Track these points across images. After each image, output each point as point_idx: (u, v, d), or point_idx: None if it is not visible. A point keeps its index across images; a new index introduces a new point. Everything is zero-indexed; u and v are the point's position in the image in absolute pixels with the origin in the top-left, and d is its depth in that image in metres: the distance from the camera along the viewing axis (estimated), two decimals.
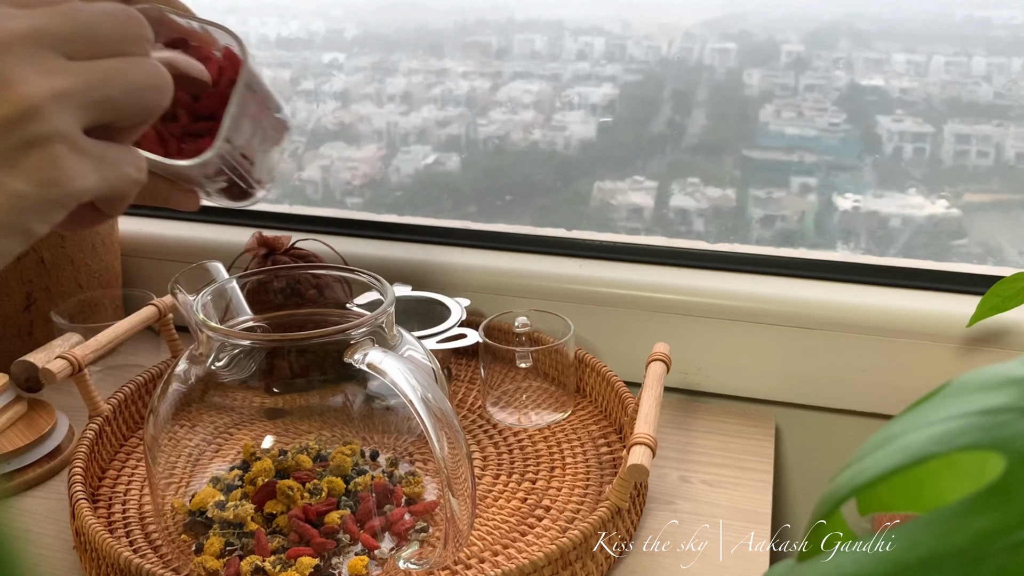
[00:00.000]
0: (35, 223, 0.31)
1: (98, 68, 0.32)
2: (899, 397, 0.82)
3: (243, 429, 0.67)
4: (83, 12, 0.33)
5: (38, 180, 0.30)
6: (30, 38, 0.31)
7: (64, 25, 0.32)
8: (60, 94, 0.30)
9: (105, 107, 0.32)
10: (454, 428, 0.53)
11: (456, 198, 1.06)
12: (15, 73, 0.30)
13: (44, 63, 0.31)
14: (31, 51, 0.31)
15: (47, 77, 0.30)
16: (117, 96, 0.32)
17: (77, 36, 0.32)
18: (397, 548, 0.62)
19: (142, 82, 0.33)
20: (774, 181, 0.96)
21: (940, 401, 0.19)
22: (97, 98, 0.32)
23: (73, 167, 0.31)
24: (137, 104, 0.33)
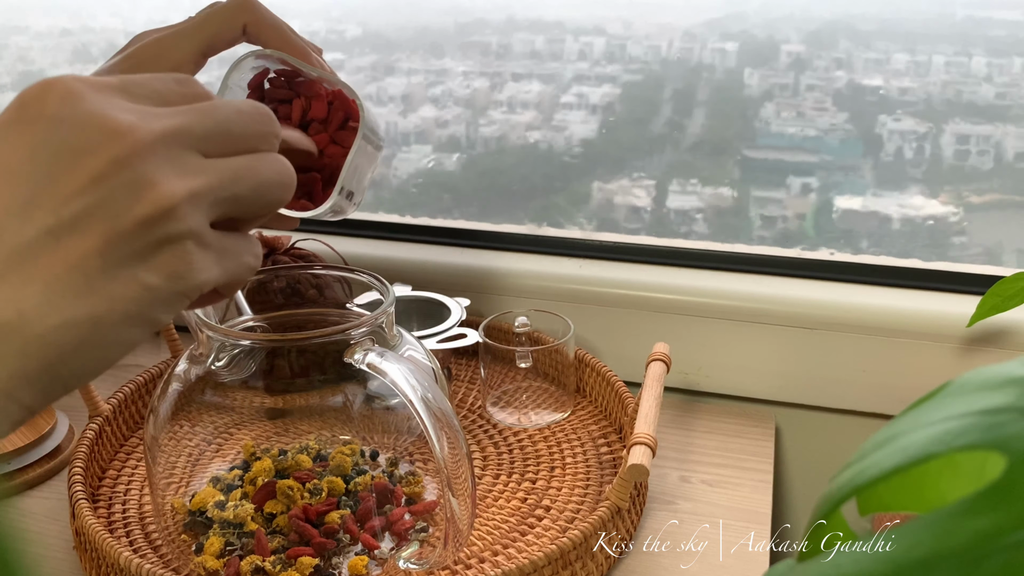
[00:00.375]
0: (161, 314, 0.32)
1: (230, 167, 0.34)
2: (899, 397, 0.82)
3: (243, 429, 0.67)
4: (219, 111, 0.34)
5: (168, 274, 0.32)
6: (171, 138, 0.32)
7: (202, 124, 0.33)
8: (195, 194, 0.32)
9: (233, 204, 0.34)
10: (454, 428, 0.53)
11: (456, 198, 1.06)
12: (157, 175, 0.31)
13: (182, 163, 0.32)
14: (171, 151, 0.32)
15: (184, 178, 0.32)
16: (245, 193, 0.34)
17: (213, 134, 0.34)
18: (397, 548, 0.62)
19: (268, 179, 0.35)
20: (774, 181, 0.96)
21: (940, 401, 0.19)
22: (227, 196, 0.34)
23: (199, 262, 0.33)
24: (262, 200, 0.35)
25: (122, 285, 0.31)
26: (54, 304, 0.30)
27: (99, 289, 0.31)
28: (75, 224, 0.30)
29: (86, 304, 0.30)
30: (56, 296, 0.30)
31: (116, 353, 0.32)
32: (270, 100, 0.64)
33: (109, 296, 0.31)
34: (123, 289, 0.31)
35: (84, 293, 0.30)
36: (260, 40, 0.60)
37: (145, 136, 0.31)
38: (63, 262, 0.30)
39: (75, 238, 0.30)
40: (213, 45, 0.59)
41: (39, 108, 0.31)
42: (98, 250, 0.30)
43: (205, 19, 0.59)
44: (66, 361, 0.30)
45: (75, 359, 0.31)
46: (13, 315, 0.29)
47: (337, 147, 0.62)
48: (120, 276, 0.31)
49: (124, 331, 0.32)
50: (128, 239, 0.31)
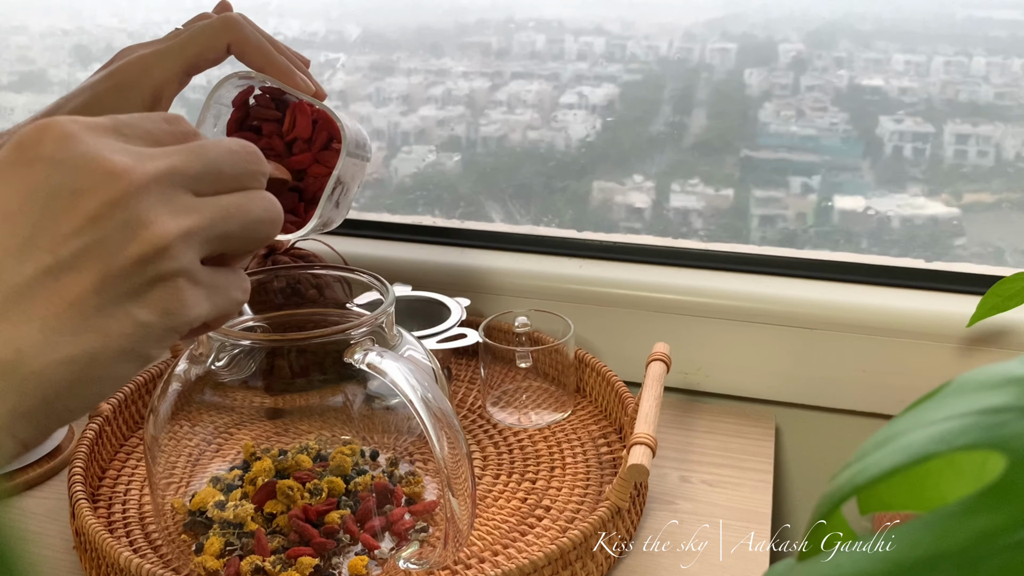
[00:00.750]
0: (153, 349, 0.33)
1: (220, 206, 0.35)
2: (899, 397, 0.82)
3: (243, 429, 0.67)
4: (209, 150, 0.35)
5: (161, 311, 0.33)
6: (164, 178, 0.33)
7: (193, 164, 0.34)
8: (187, 233, 0.33)
9: (223, 241, 0.35)
10: (454, 428, 0.53)
11: (456, 198, 1.06)
12: (151, 215, 0.32)
13: (175, 202, 0.33)
14: (164, 191, 0.33)
15: (177, 217, 0.33)
16: (235, 231, 0.35)
17: (204, 174, 0.35)
18: (397, 548, 0.62)
19: (257, 216, 0.36)
20: (774, 181, 0.96)
21: (940, 401, 0.19)
22: (218, 234, 0.35)
23: (191, 298, 0.34)
24: (251, 237, 0.36)
25: (117, 322, 0.32)
26: (51, 342, 0.31)
27: (95, 326, 0.32)
28: (72, 263, 0.31)
29: (82, 341, 0.31)
30: (54, 334, 0.31)
31: (110, 388, 0.33)
32: (255, 117, 0.64)
33: (104, 333, 0.32)
34: (118, 326, 0.32)
35: (80, 330, 0.31)
36: (244, 59, 0.60)
37: (139, 177, 0.32)
38: (61, 300, 0.31)
39: (72, 277, 0.31)
40: (196, 64, 0.59)
41: (36, 150, 0.32)
42: (94, 288, 0.31)
43: (189, 38, 0.59)
44: (62, 397, 0.31)
45: (71, 395, 0.31)
46: (12, 354, 0.30)
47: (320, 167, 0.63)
48: (115, 313, 0.32)
49: (118, 366, 0.32)
50: (123, 277, 0.32)
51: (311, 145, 0.63)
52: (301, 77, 0.61)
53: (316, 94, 0.62)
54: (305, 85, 0.61)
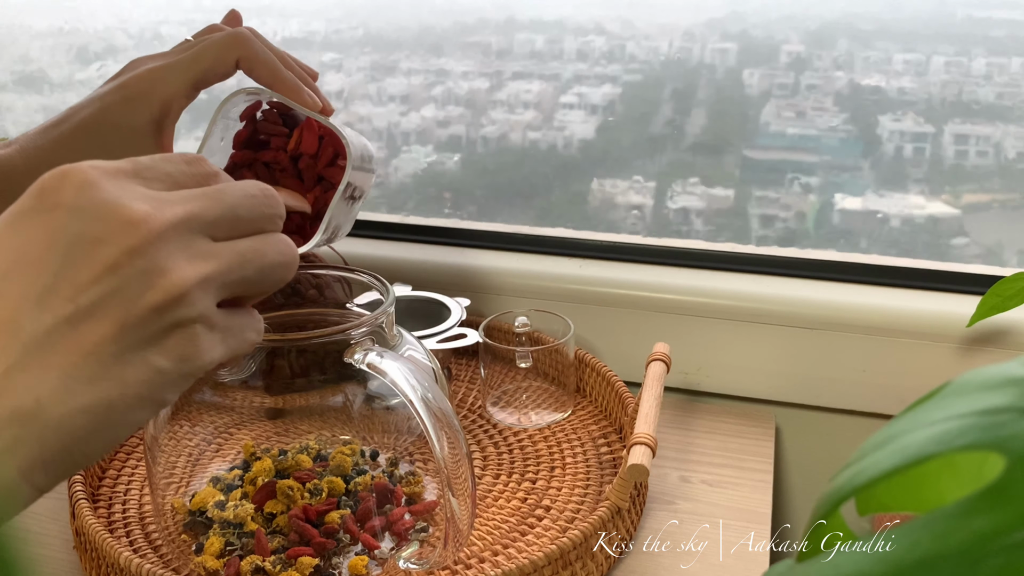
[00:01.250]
0: (169, 394, 0.34)
1: (237, 251, 0.35)
2: (899, 397, 0.82)
3: (243, 429, 0.67)
4: (227, 195, 0.36)
5: (177, 357, 0.33)
6: (183, 225, 0.33)
7: (212, 209, 0.35)
8: (205, 279, 0.34)
9: (239, 285, 0.36)
10: (454, 428, 0.53)
11: (456, 198, 1.06)
12: (169, 262, 0.33)
13: (193, 248, 0.34)
14: (183, 237, 0.33)
15: (195, 263, 0.33)
16: (251, 275, 0.36)
17: (222, 220, 0.35)
18: (397, 548, 0.62)
19: (273, 260, 0.37)
20: (774, 181, 0.96)
21: (940, 401, 0.19)
22: (235, 279, 0.35)
23: (206, 343, 0.34)
24: (267, 280, 0.37)
25: (134, 369, 0.32)
26: (71, 391, 0.31)
27: (113, 374, 0.32)
28: (91, 312, 0.31)
29: (100, 389, 0.31)
30: (73, 383, 0.31)
31: (125, 434, 0.33)
32: (262, 132, 0.65)
33: (122, 381, 0.32)
34: (135, 373, 0.32)
35: (98, 379, 0.31)
36: (252, 75, 0.60)
37: (158, 225, 0.33)
38: (79, 349, 0.31)
39: (91, 325, 0.31)
40: (205, 79, 0.60)
41: (56, 197, 0.32)
42: (112, 337, 0.32)
43: (198, 53, 0.59)
44: (80, 445, 0.31)
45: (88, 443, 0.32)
46: (32, 403, 0.30)
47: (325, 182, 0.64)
48: (133, 361, 0.32)
49: (135, 413, 0.33)
50: (141, 325, 0.32)
51: (317, 161, 0.64)
52: (308, 93, 0.61)
53: (323, 110, 0.62)
54: (312, 101, 0.61)
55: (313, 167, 0.64)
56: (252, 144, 0.65)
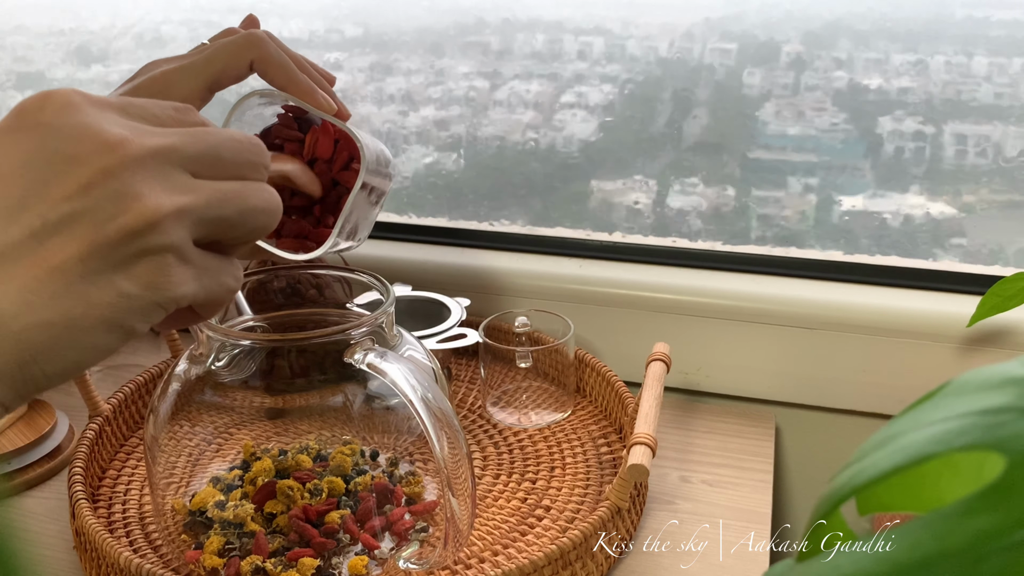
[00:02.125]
0: (136, 322, 0.33)
1: (218, 188, 0.35)
2: (899, 397, 0.82)
3: (243, 429, 0.67)
4: (211, 135, 0.35)
5: (145, 284, 0.32)
6: (162, 155, 0.33)
7: (193, 145, 0.34)
8: (180, 210, 0.33)
9: (218, 225, 0.35)
10: (454, 428, 0.53)
11: (456, 198, 1.06)
12: (144, 188, 0.32)
13: (171, 179, 0.33)
14: (161, 167, 0.33)
15: (172, 194, 0.33)
16: (231, 216, 0.35)
17: (203, 157, 0.35)
18: (397, 548, 0.62)
19: (255, 205, 0.36)
20: (774, 181, 0.96)
21: (940, 401, 0.19)
22: (213, 216, 0.34)
23: (178, 275, 0.33)
24: (247, 225, 0.36)
25: (99, 290, 0.32)
26: (30, 304, 0.31)
27: (76, 292, 0.31)
28: (59, 229, 0.31)
29: (61, 306, 0.31)
30: (33, 296, 0.31)
31: (89, 357, 0.32)
32: (277, 136, 0.64)
33: (85, 300, 0.31)
34: (100, 294, 0.32)
35: (60, 296, 0.31)
36: (266, 77, 0.60)
37: (136, 150, 0.32)
38: (43, 264, 0.31)
39: (58, 242, 0.31)
40: (219, 81, 0.59)
41: (37, 116, 0.32)
42: (79, 256, 0.31)
43: (212, 55, 0.59)
44: (39, 360, 0.31)
45: (48, 359, 0.31)
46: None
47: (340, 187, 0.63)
48: (98, 282, 0.32)
49: (98, 336, 0.32)
50: (110, 247, 0.32)
51: (332, 165, 0.64)
52: (323, 96, 0.61)
53: (339, 114, 0.62)
54: (327, 104, 0.61)
55: (328, 171, 0.64)
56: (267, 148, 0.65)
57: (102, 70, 1.14)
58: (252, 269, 0.84)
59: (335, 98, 0.62)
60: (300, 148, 0.64)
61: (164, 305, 0.33)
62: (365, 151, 0.61)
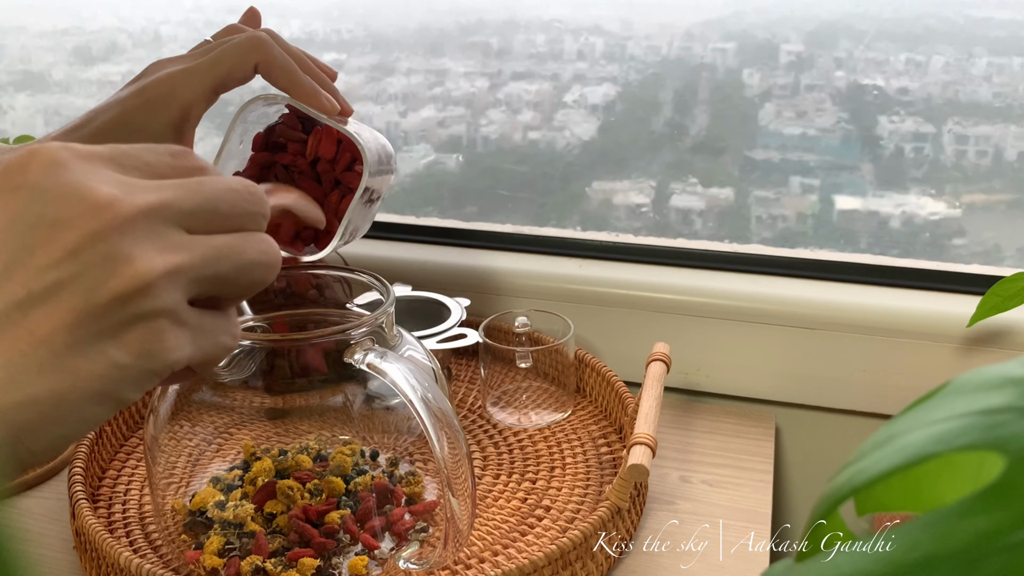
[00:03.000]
0: (129, 392, 0.31)
1: (213, 245, 0.33)
2: (899, 397, 0.82)
3: (243, 429, 0.67)
4: (208, 187, 0.33)
5: (138, 352, 0.31)
6: (154, 213, 0.31)
7: (188, 200, 0.32)
8: (174, 271, 0.31)
9: (214, 283, 0.33)
10: (454, 428, 0.53)
11: (456, 198, 1.06)
12: (135, 250, 0.30)
13: (164, 239, 0.31)
14: (153, 226, 0.31)
15: (164, 254, 0.31)
16: (227, 272, 0.33)
17: (199, 211, 0.33)
18: (397, 548, 0.62)
19: (253, 259, 0.34)
20: (774, 181, 0.96)
21: (940, 401, 0.19)
22: (209, 274, 0.32)
23: (172, 340, 0.31)
24: (245, 280, 0.34)
25: (89, 362, 0.30)
26: (16, 380, 0.29)
27: (64, 366, 0.29)
28: (45, 298, 0.29)
29: (50, 381, 0.29)
30: (18, 372, 0.29)
31: (78, 431, 0.31)
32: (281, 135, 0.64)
33: (75, 373, 0.30)
34: (90, 366, 0.30)
35: (48, 370, 0.29)
36: (271, 79, 0.60)
37: (126, 210, 0.30)
38: (29, 337, 0.29)
39: (44, 312, 0.29)
40: (224, 83, 0.59)
41: (22, 177, 0.30)
42: (66, 326, 0.29)
43: (218, 57, 0.59)
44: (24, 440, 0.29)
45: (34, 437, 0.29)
46: None
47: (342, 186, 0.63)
48: (88, 353, 0.30)
49: (88, 409, 0.30)
50: (100, 315, 0.30)
51: (335, 166, 0.64)
52: (327, 97, 0.60)
53: (342, 112, 0.62)
54: (330, 106, 0.61)
55: (331, 172, 0.64)
56: (271, 147, 0.65)
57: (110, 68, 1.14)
58: None
59: (337, 95, 0.62)
60: (303, 148, 0.64)
61: (158, 372, 0.32)
62: (367, 154, 0.61)
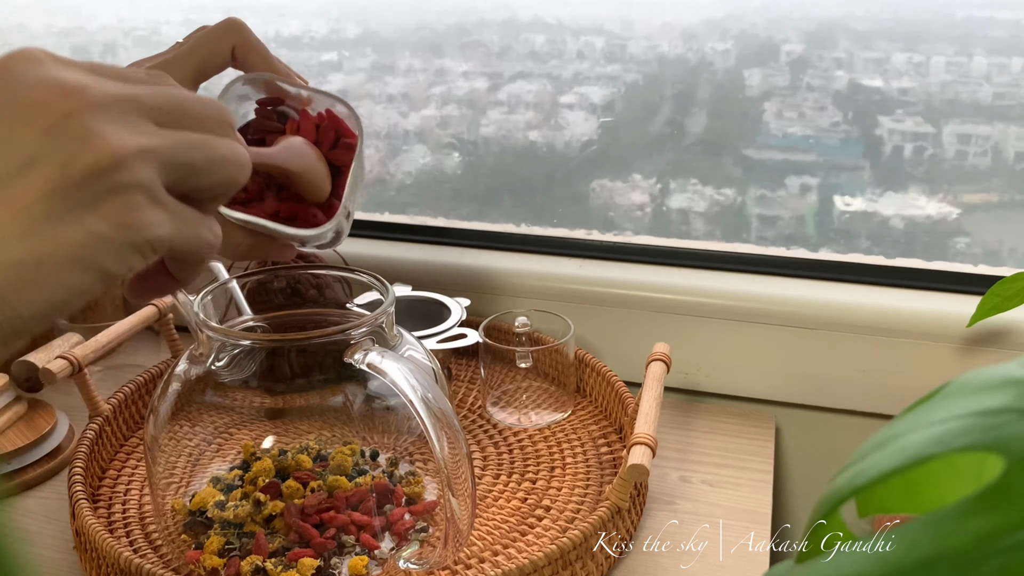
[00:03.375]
0: (111, 263, 0.33)
1: (184, 136, 0.34)
2: (899, 397, 0.82)
3: (243, 429, 0.67)
4: (176, 91, 0.35)
5: (115, 223, 0.32)
6: (124, 102, 0.33)
7: (157, 97, 0.34)
8: (146, 150, 0.33)
9: (187, 171, 0.34)
10: (454, 428, 0.53)
11: (456, 198, 1.06)
12: (107, 128, 0.32)
13: (135, 124, 0.33)
14: (123, 112, 0.33)
15: (136, 135, 0.33)
16: (199, 163, 0.35)
17: (167, 107, 0.34)
18: (397, 548, 0.62)
19: (223, 155, 0.35)
20: (774, 181, 0.96)
21: (940, 402, 0.19)
22: (180, 160, 0.34)
23: (150, 215, 0.33)
24: (217, 175, 0.35)
25: (69, 229, 0.32)
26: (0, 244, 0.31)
27: (44, 232, 0.31)
28: (23, 171, 0.31)
29: (31, 245, 0.31)
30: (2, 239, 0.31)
31: (63, 297, 0.32)
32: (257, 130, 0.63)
33: (54, 239, 0.31)
34: (69, 233, 0.32)
35: (29, 235, 0.31)
36: (247, 60, 0.61)
37: (98, 95, 0.32)
38: (9, 207, 0.31)
39: (21, 184, 0.31)
40: (204, 71, 0.60)
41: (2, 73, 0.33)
42: (44, 196, 0.31)
43: (194, 45, 0.59)
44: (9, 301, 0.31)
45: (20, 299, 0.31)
46: None
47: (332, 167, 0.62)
48: (67, 220, 0.32)
49: (71, 275, 0.32)
50: (76, 186, 0.32)
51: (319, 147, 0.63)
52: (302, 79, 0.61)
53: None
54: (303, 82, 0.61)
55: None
56: (249, 143, 0.65)
57: None
58: (252, 269, 0.84)
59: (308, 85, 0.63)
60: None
61: (138, 246, 0.33)
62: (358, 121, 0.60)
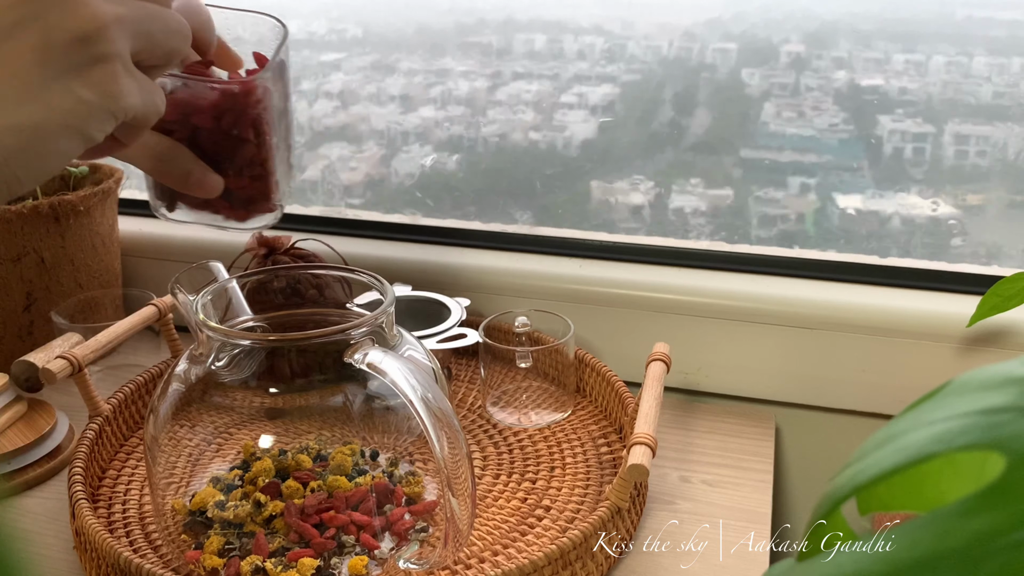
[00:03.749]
0: (94, 130, 0.36)
1: (145, 6, 0.38)
2: (899, 397, 0.82)
3: (243, 429, 0.67)
4: None
5: (100, 91, 0.35)
6: None
7: None
8: (121, 19, 0.36)
9: (146, 40, 0.38)
10: (454, 428, 0.53)
11: (456, 198, 1.06)
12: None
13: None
14: None
15: (110, 4, 0.36)
16: (156, 33, 0.38)
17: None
18: (397, 548, 0.62)
19: (173, 26, 0.39)
20: (774, 181, 0.96)
21: (940, 401, 0.19)
22: (144, 30, 0.37)
23: (126, 85, 0.36)
24: (167, 44, 0.39)
25: (59, 96, 0.34)
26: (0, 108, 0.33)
27: (38, 98, 0.34)
28: (11, 32, 0.34)
29: (27, 111, 0.34)
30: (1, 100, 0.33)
31: (53, 162, 0.35)
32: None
33: (47, 105, 0.34)
34: (60, 100, 0.34)
35: (25, 101, 0.34)
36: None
37: None
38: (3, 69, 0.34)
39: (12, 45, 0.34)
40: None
41: None
42: (35, 60, 0.34)
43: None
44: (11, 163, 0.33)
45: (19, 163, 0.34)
46: None
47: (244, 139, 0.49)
48: (56, 87, 0.34)
49: (61, 141, 0.35)
50: (63, 52, 0.34)
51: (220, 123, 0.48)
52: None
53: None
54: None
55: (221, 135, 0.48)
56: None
57: None
58: (252, 269, 0.84)
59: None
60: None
61: (116, 114, 0.36)
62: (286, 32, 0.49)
